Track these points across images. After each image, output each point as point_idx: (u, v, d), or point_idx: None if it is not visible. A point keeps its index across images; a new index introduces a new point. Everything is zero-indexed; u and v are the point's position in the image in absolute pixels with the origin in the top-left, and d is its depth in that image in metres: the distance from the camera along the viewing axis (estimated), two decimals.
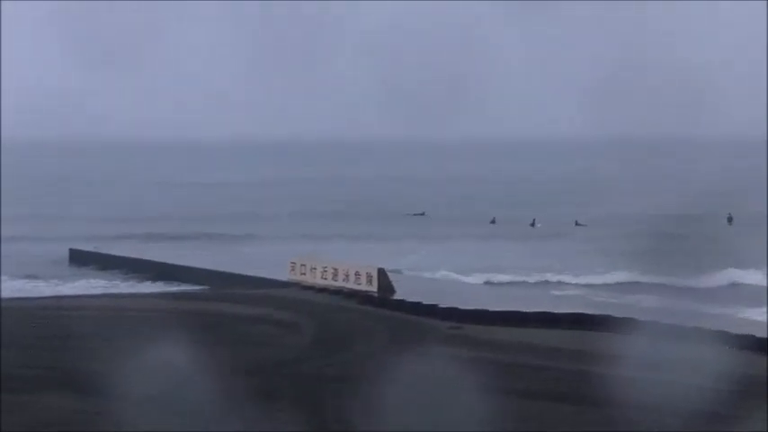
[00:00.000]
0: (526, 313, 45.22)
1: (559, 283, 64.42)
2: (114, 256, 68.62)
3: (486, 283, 63.08)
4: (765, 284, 61.99)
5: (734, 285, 63.25)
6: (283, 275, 54.91)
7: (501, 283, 63.16)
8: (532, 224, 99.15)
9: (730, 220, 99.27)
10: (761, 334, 40.04)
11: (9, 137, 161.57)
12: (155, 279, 61.28)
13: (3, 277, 61.87)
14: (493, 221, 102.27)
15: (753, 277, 64.76)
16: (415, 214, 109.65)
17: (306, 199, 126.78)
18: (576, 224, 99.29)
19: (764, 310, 51.43)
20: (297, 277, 54.30)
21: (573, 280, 65.02)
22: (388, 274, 51.51)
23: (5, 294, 53.52)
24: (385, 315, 45.52)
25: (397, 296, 49.55)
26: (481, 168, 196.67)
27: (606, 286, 63.27)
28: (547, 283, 64.15)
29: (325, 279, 52.81)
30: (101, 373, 31.37)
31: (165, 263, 64.16)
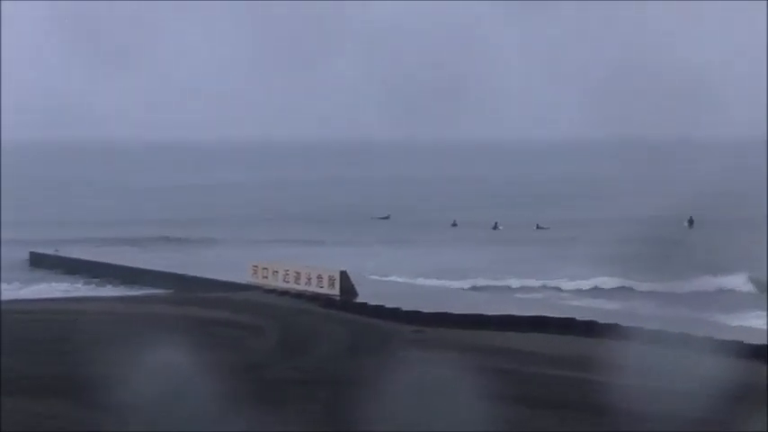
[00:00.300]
0: (488, 316, 45.23)
1: (522, 286, 64.45)
2: (76, 260, 68.22)
3: (447, 286, 62.97)
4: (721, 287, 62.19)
5: (698, 290, 63.00)
6: (245, 279, 54.77)
7: (464, 288, 63.12)
8: (495, 227, 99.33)
9: (691, 222, 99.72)
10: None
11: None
12: (116, 283, 60.98)
13: None
14: (454, 224, 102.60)
15: (711, 283, 64.57)
16: (380, 218, 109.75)
17: (274, 202, 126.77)
18: (537, 227, 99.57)
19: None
20: (259, 280, 54.13)
21: (536, 283, 65.07)
22: (351, 277, 51.44)
23: None
24: (347, 318, 45.41)
25: (359, 299, 49.50)
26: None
27: (570, 290, 63.34)
28: (509, 287, 64.12)
29: (287, 282, 52.68)
30: (58, 377, 31.16)
31: (126, 266, 63.89)
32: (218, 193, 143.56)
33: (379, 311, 46.59)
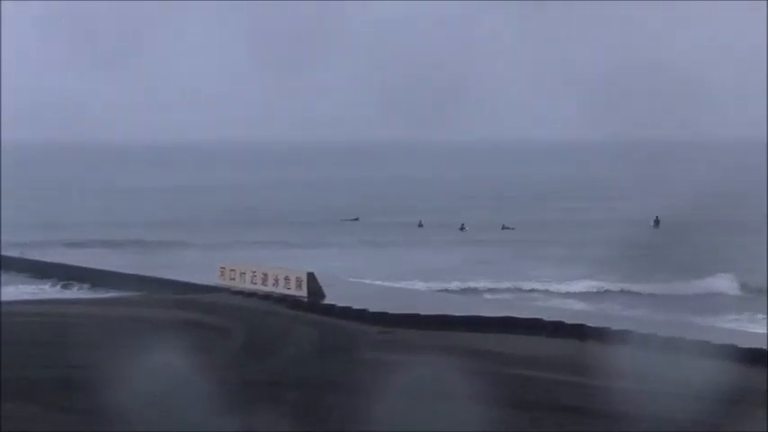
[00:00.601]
0: (455, 317, 45.33)
1: (491, 288, 64.45)
2: (43, 262, 67.91)
3: (415, 288, 62.94)
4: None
5: (654, 292, 62.63)
6: (213, 281, 54.74)
7: (432, 289, 63.11)
8: (462, 228, 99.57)
9: (657, 223, 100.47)
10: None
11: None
12: (85, 286, 60.77)
13: None
14: (420, 225, 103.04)
15: (698, 285, 63.38)
16: (350, 219, 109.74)
17: (248, 203, 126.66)
18: (503, 228, 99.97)
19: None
20: (226, 282, 54.11)
21: (504, 284, 65.08)
22: (318, 278, 51.47)
23: None
24: (315, 320, 45.41)
25: (326, 301, 49.53)
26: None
27: (540, 291, 63.29)
28: (476, 288, 64.08)
29: (255, 284, 52.70)
30: (22, 379, 31.11)
31: (94, 269, 63.66)
32: (198, 194, 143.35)
33: (347, 313, 46.62)
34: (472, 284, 64.61)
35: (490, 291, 63.11)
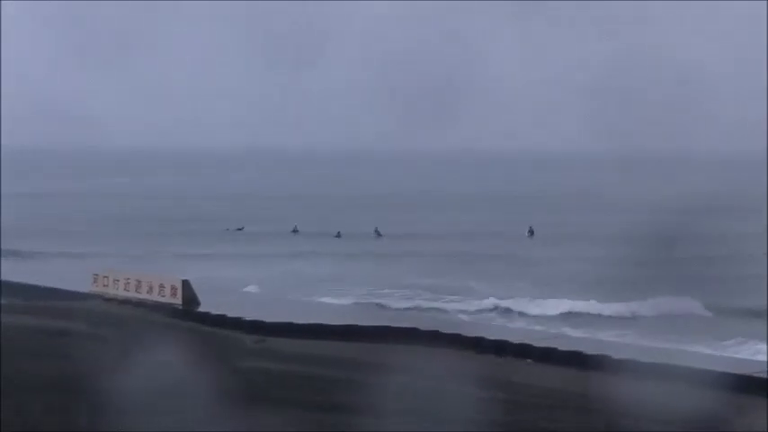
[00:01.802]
0: (332, 326, 44.93)
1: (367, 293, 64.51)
2: None
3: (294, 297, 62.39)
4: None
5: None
6: (86, 288, 53.60)
7: (312, 298, 62.67)
8: (337, 235, 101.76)
9: (531, 233, 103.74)
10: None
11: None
12: None
13: None
14: (295, 230, 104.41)
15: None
16: (235, 229, 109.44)
17: (137, 212, 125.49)
18: (376, 232, 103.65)
19: None
20: (99, 289, 53.01)
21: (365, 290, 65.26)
22: (193, 286, 50.70)
23: None
24: (189, 327, 44.69)
25: (201, 309, 48.84)
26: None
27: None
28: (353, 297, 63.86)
29: (128, 291, 51.71)
30: None
31: None
32: (75, 202, 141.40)
33: (222, 321, 46.02)
34: (351, 291, 64.54)
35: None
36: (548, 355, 39.54)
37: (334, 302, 58.55)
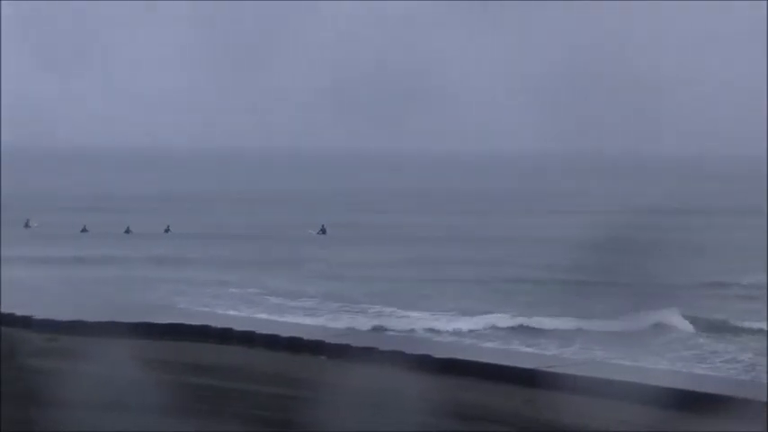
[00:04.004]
0: (126, 324, 44.25)
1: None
2: None
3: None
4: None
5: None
6: None
7: None
8: (127, 231, 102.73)
9: (323, 231, 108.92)
10: None
11: None
12: None
13: None
14: (84, 230, 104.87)
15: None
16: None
17: None
18: (166, 231, 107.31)
19: None
20: None
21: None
22: None
23: None
24: None
25: None
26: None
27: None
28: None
29: None
30: None
31: None
32: None
33: (11, 319, 44.88)
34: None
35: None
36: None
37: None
